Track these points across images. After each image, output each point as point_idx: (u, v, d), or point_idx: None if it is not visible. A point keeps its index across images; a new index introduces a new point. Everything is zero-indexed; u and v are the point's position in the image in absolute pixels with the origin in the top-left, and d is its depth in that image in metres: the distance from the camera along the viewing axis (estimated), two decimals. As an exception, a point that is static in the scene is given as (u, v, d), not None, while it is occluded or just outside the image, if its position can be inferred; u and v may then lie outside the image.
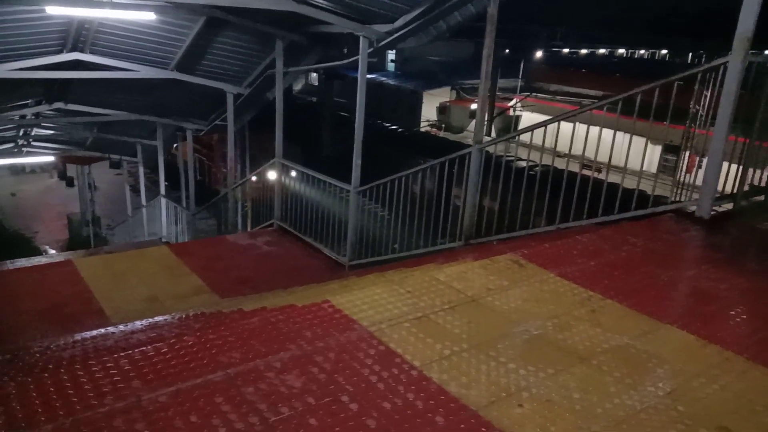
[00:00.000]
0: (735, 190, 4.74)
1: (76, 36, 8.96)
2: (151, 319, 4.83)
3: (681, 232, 4.20)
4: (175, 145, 17.48)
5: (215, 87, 10.67)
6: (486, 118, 32.80)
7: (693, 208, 4.53)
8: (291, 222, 9.35)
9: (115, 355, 2.39)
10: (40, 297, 7.17)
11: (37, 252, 19.23)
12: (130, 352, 2.43)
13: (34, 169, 30.11)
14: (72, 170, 22.49)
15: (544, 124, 5.50)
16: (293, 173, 9.39)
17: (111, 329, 4.51)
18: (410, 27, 7.03)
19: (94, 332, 4.34)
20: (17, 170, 29.52)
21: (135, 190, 21.77)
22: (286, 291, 5.94)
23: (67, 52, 9.24)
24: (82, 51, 9.31)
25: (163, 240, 14.66)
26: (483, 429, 2.06)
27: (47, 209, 26.45)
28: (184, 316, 4.79)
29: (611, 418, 2.16)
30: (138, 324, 4.61)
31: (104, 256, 9.25)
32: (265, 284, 7.47)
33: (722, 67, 4.35)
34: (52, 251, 20.41)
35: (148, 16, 7.66)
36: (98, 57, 9.51)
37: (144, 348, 2.47)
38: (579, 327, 2.77)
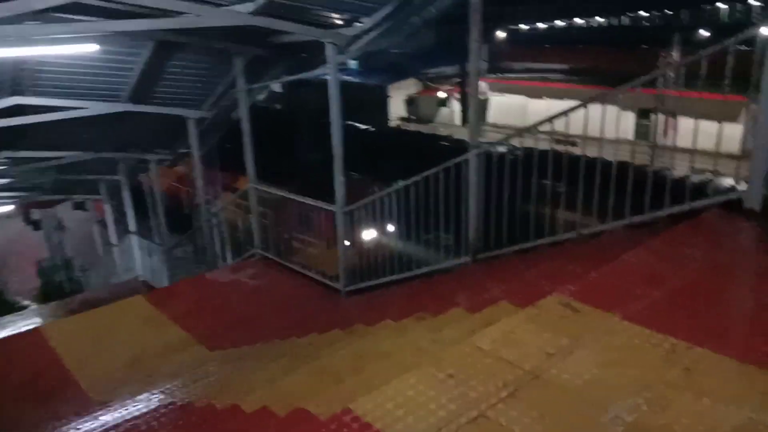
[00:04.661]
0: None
1: (14, 78, 8.09)
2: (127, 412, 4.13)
3: (739, 233, 3.59)
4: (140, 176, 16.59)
5: (174, 114, 9.87)
6: (460, 108, 32.37)
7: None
8: (275, 249, 8.65)
9: None
10: (12, 371, 6.51)
11: (10, 305, 18.20)
12: None
13: (-1, 217, 28.73)
14: (38, 213, 21.40)
15: (557, 116, 4.84)
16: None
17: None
18: (382, 27, 6.36)
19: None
20: (-20, 220, 28.11)
21: (105, 224, 20.79)
22: (287, 342, 5.22)
23: (6, 96, 8.37)
24: (22, 94, 8.45)
25: (140, 278, 13.87)
26: None
27: (17, 257, 25.21)
28: (167, 410, 4.04)
29: None
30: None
31: (75, 317, 8.46)
32: (258, 327, 6.78)
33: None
34: (26, 302, 19.41)
35: (90, 48, 6.86)
36: (41, 98, 8.65)
37: None
38: (679, 400, 2.14)
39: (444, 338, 2.80)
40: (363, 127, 26.06)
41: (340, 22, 6.68)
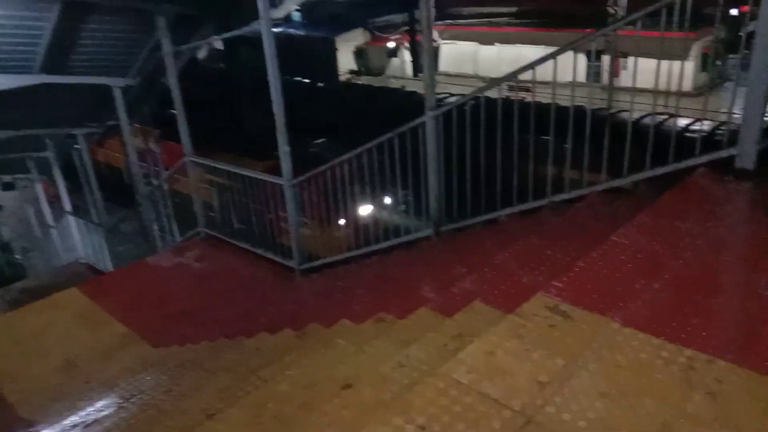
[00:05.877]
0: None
1: None
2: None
3: (732, 198, 3.17)
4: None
5: (97, 83, 8.90)
6: (411, 58, 31.35)
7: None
8: (221, 227, 8.00)
9: None
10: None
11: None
12: None
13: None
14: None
15: (527, 67, 4.28)
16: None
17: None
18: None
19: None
20: None
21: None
22: (233, 344, 4.66)
23: None
24: None
25: (82, 260, 12.99)
26: None
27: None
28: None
29: None
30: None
31: (5, 316, 7.69)
32: (207, 316, 6.21)
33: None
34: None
35: (-20, 14, 5.93)
36: (-65, 73, 7.62)
37: None
38: (712, 440, 1.70)
39: (412, 360, 2.31)
40: (311, 82, 24.93)
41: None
